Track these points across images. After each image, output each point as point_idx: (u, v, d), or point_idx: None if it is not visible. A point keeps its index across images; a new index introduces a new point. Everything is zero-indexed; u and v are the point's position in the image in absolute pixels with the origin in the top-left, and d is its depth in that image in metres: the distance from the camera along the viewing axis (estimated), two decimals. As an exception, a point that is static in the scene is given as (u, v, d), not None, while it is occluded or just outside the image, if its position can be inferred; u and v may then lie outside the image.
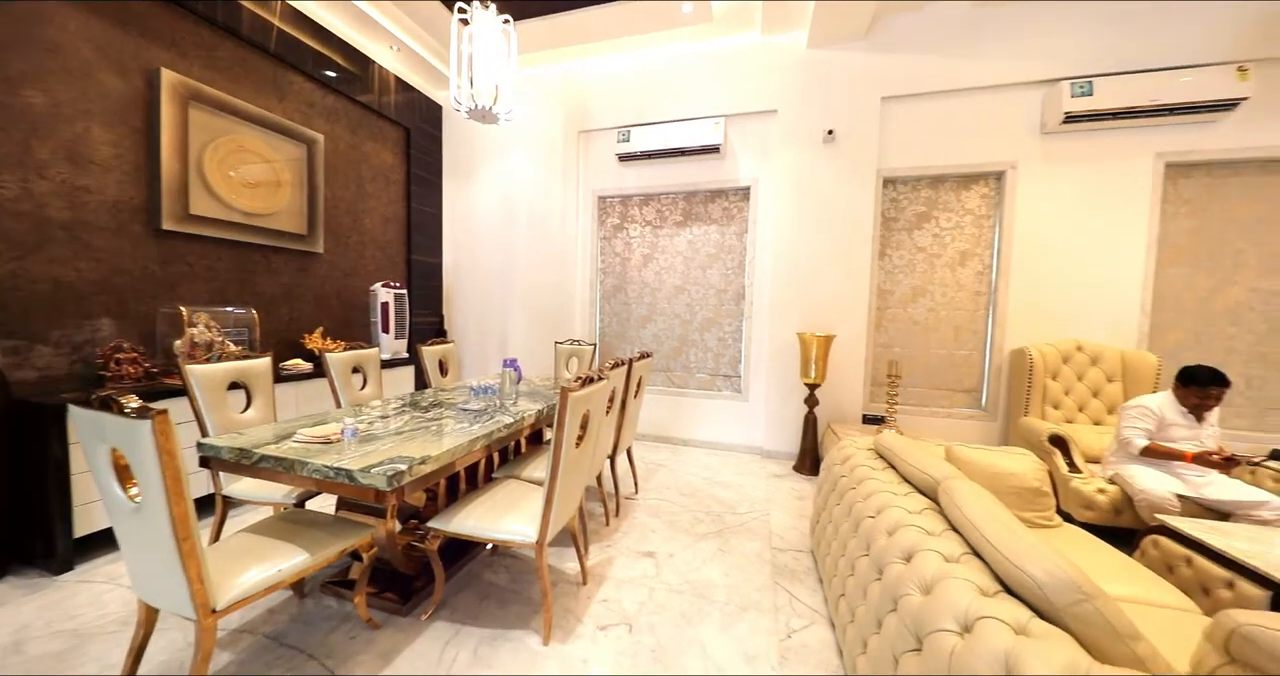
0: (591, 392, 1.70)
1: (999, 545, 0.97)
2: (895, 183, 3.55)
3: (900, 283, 3.57)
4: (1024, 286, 3.25)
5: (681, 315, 4.12)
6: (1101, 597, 0.86)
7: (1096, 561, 1.52)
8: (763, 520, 2.56)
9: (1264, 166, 2.95)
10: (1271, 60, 2.80)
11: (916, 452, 1.55)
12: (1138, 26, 2.97)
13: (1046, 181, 3.21)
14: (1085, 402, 2.91)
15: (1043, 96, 3.18)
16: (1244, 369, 3.00)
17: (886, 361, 3.35)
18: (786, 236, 3.64)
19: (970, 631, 0.85)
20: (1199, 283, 3.07)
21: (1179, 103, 2.85)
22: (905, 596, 1.04)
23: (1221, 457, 2.03)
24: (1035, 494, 1.68)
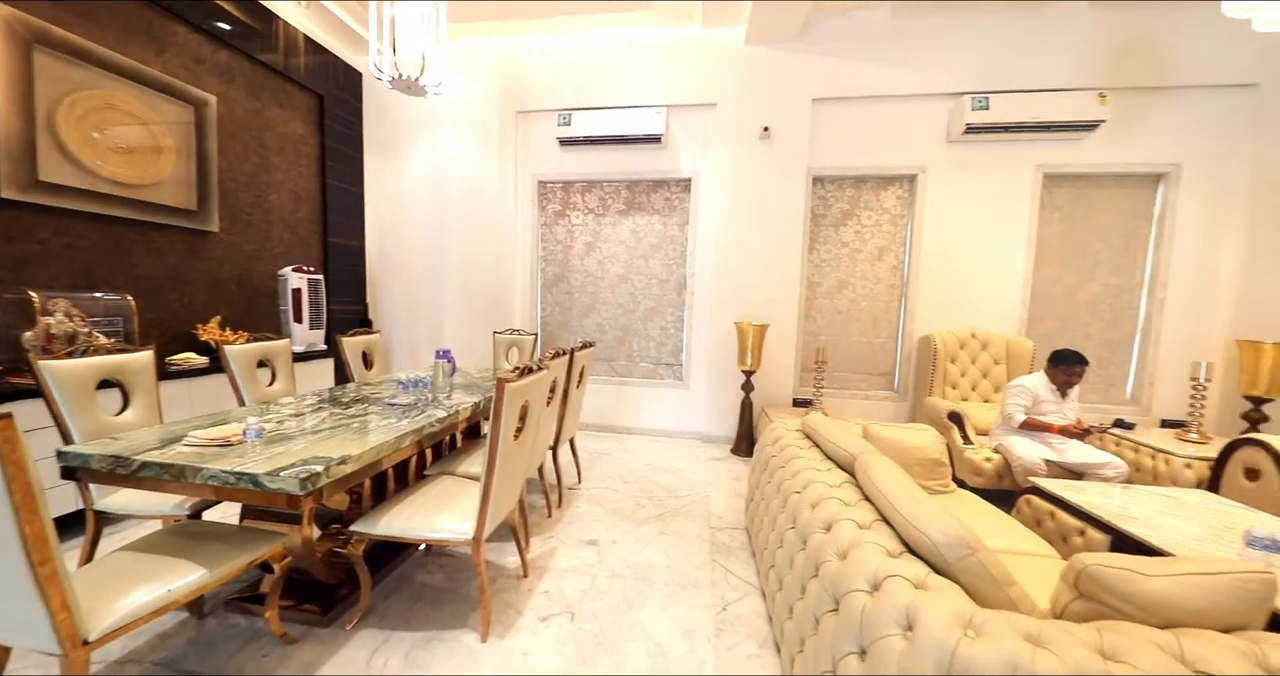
0: (530, 383, 1.67)
1: (903, 511, 1.08)
2: (824, 181, 3.77)
3: (827, 275, 3.82)
4: (931, 280, 3.62)
5: (625, 305, 4.13)
6: (984, 551, 0.99)
7: (982, 520, 1.75)
8: (702, 502, 2.67)
9: (1117, 180, 3.48)
10: (1123, 89, 3.29)
11: (837, 432, 1.68)
12: (1024, 51, 3.36)
13: (950, 185, 3.57)
14: (977, 383, 3.32)
15: (949, 108, 3.51)
16: (1096, 352, 3.57)
17: (814, 349, 3.59)
18: (725, 229, 3.76)
19: (879, 589, 0.95)
20: (1066, 279, 3.58)
21: (1055, 121, 3.28)
22: (825, 563, 1.14)
23: (1080, 428, 2.41)
24: (935, 464, 1.90)
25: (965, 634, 0.78)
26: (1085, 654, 0.74)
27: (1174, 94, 3.32)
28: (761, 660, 1.49)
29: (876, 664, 0.85)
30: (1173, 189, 3.38)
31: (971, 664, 0.74)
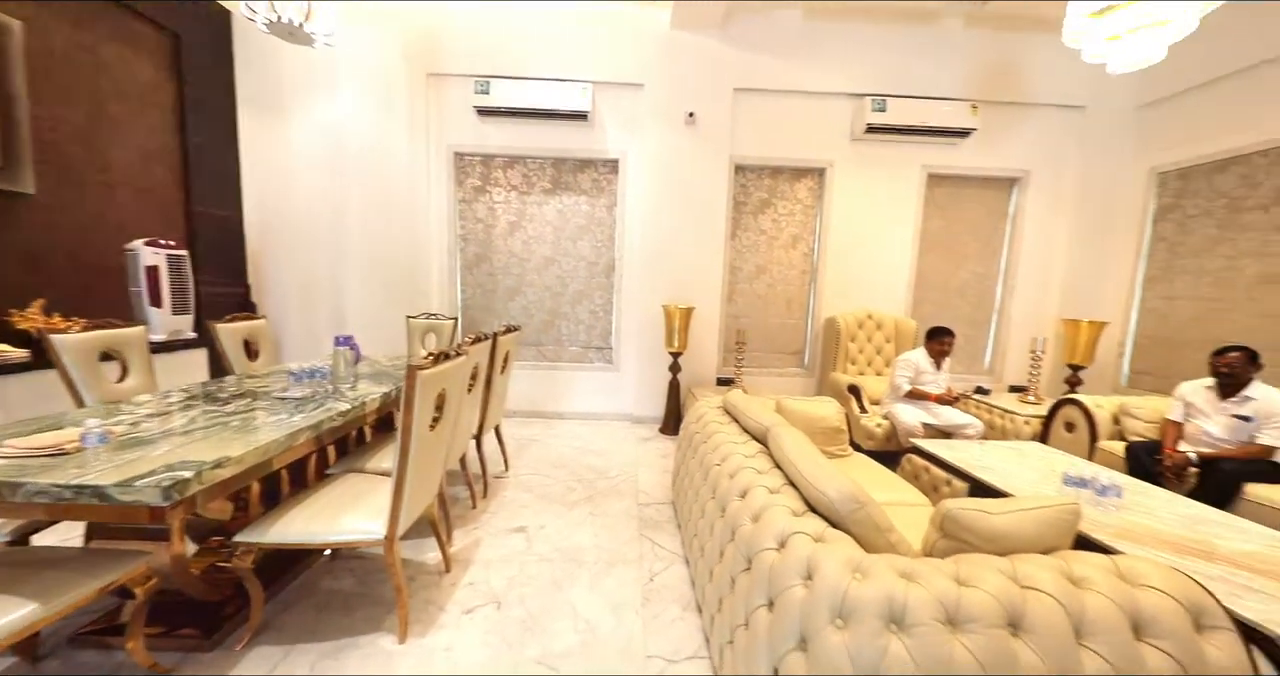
0: (447, 370, 1.57)
1: (806, 475, 1.19)
2: (745, 170, 3.93)
3: (747, 261, 4.02)
4: (836, 266, 3.97)
5: (552, 287, 4.02)
6: (871, 505, 1.13)
7: (872, 478, 2.00)
8: (631, 481, 2.73)
9: (983, 182, 4.04)
10: (991, 102, 3.79)
11: (753, 407, 1.80)
12: (915, 61, 3.72)
13: (853, 180, 3.90)
14: (872, 359, 3.74)
15: (853, 108, 3.80)
16: (965, 330, 4.17)
17: (735, 330, 3.78)
18: (653, 213, 3.78)
19: (785, 546, 1.04)
20: (942, 267, 4.12)
21: (938, 126, 3.70)
22: (740, 526, 1.22)
23: (951, 396, 2.82)
24: (835, 432, 2.11)
25: (854, 577, 0.89)
26: (946, 583, 0.88)
27: (1028, 109, 3.89)
28: (685, 622, 1.58)
29: (782, 613, 0.94)
30: (1023, 192, 3.99)
31: (858, 601, 0.85)
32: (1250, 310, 3.04)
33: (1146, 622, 0.87)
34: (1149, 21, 2.04)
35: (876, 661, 0.80)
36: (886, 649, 0.80)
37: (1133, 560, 0.99)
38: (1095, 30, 2.18)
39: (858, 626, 0.83)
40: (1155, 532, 1.57)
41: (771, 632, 0.96)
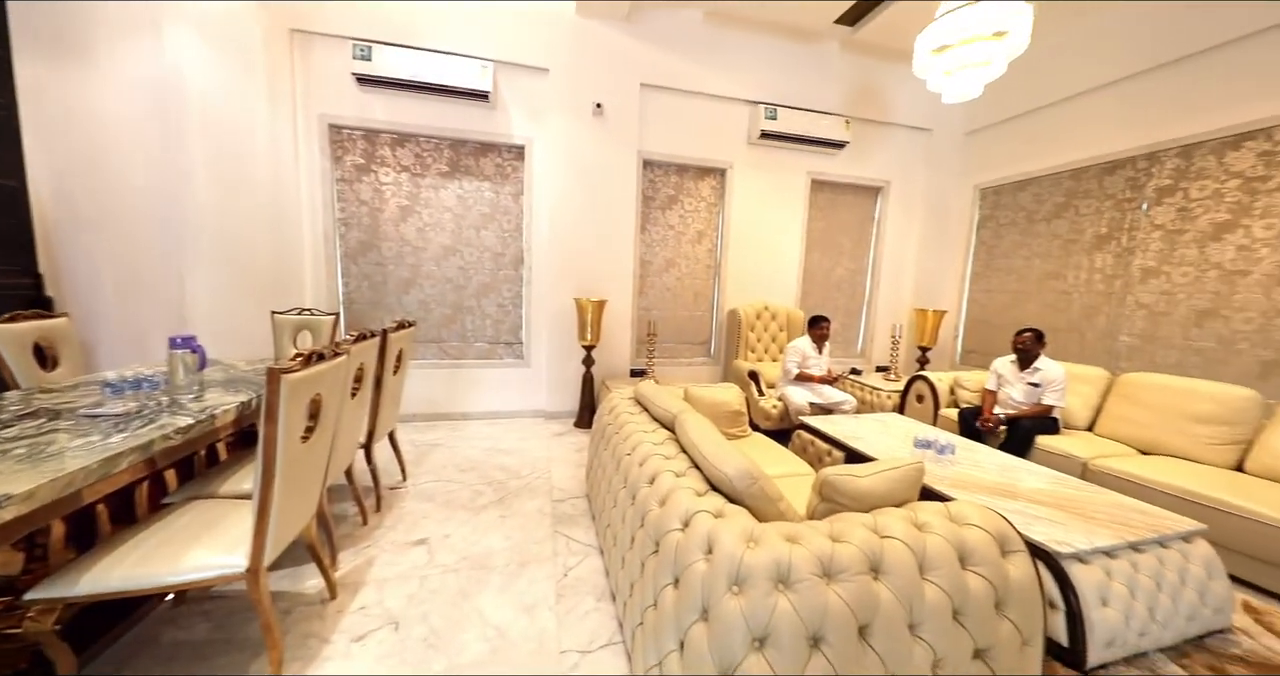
0: (321, 373, 1.38)
1: (708, 456, 1.27)
2: (653, 165, 4.00)
3: (657, 255, 4.13)
4: (737, 261, 4.25)
5: (455, 279, 3.74)
6: (764, 479, 1.23)
7: (767, 454, 2.19)
8: (545, 478, 2.67)
9: (855, 190, 4.59)
10: (860, 119, 4.31)
11: (662, 396, 1.86)
12: (802, 75, 4.09)
13: (750, 182, 4.20)
14: (768, 346, 4.09)
15: (749, 114, 4.07)
16: (843, 319, 4.75)
17: (647, 322, 3.87)
18: (563, 204, 3.69)
19: (688, 525, 1.09)
20: (824, 264, 4.62)
21: (819, 137, 4.12)
22: (649, 511, 1.26)
23: (830, 376, 3.19)
24: (736, 415, 2.28)
25: (748, 546, 0.96)
26: (822, 541, 0.99)
27: (889, 128, 4.50)
28: (600, 612, 1.59)
29: (687, 588, 0.99)
30: (885, 200, 4.63)
31: (752, 568, 0.92)
32: (1039, 300, 3.88)
33: (969, 553, 1.06)
34: (971, 61, 2.47)
35: (766, 619, 0.87)
36: (775, 606, 0.88)
37: (961, 504, 1.20)
38: (935, 65, 2.59)
39: (751, 590, 0.90)
40: (978, 480, 1.94)
41: (677, 608, 1.00)
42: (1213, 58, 2.88)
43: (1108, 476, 2.29)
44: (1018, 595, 1.06)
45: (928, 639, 0.96)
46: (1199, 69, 2.94)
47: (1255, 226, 2.73)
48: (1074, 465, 2.43)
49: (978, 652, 1.02)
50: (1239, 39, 2.75)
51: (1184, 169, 3.03)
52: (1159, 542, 1.56)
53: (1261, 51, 2.68)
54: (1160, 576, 1.50)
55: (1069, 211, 3.68)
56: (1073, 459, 2.45)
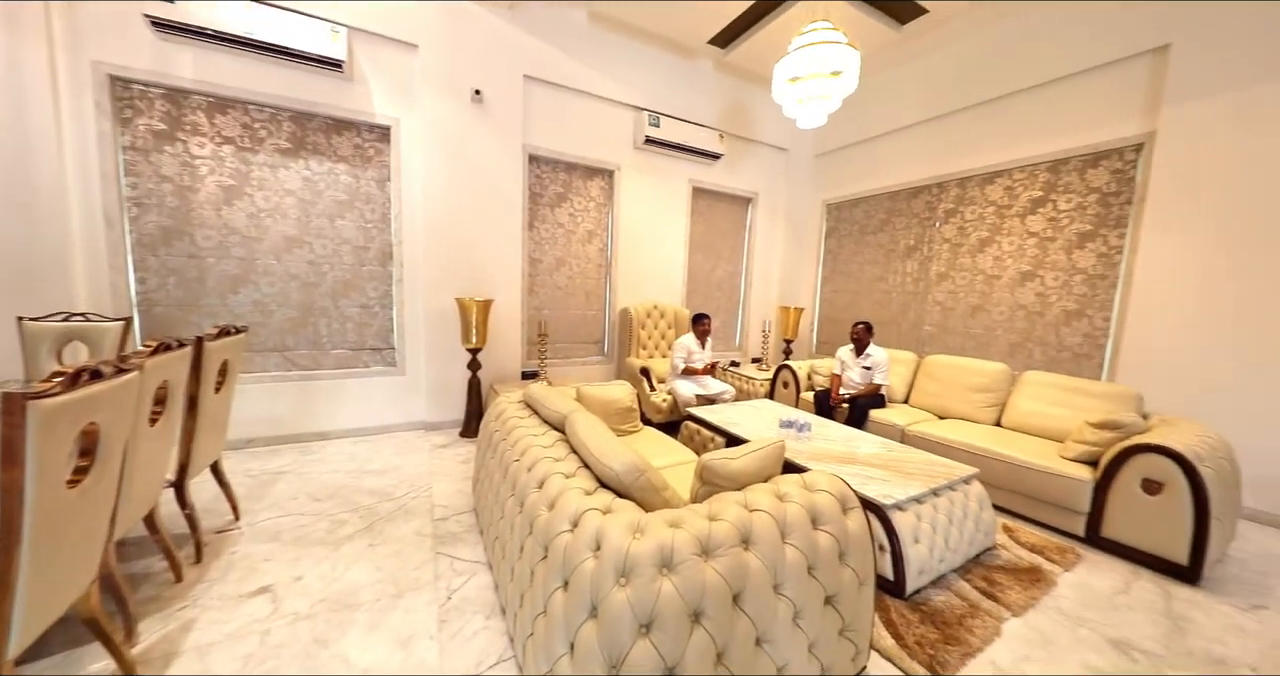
0: (94, 396, 1.06)
1: (597, 454, 1.28)
2: (540, 161, 3.90)
3: (547, 253, 4.03)
4: (627, 261, 4.36)
5: (303, 276, 3.19)
6: (650, 471, 1.28)
7: (657, 447, 2.29)
8: (424, 496, 2.43)
9: (730, 198, 5.03)
10: (732, 135, 4.73)
11: (552, 398, 1.82)
12: (683, 87, 4.35)
13: (637, 185, 4.34)
14: (659, 343, 4.27)
15: (634, 119, 4.20)
16: (723, 316, 5.17)
17: (538, 322, 3.76)
18: (441, 196, 3.39)
19: (577, 525, 1.09)
20: (706, 265, 4.99)
21: (699, 148, 4.42)
22: (538, 516, 1.22)
23: (709, 366, 3.46)
24: (628, 411, 2.34)
25: (634, 537, 0.99)
26: (702, 522, 1.07)
27: (756, 145, 5.02)
28: (490, 630, 1.50)
29: (576, 588, 0.99)
30: (755, 209, 5.16)
31: (638, 557, 0.95)
32: (870, 298, 4.69)
33: (819, 515, 1.24)
34: (816, 94, 2.88)
35: (651, 604, 0.91)
36: (660, 591, 0.93)
37: (813, 474, 1.40)
38: (790, 93, 2.96)
39: (637, 579, 0.93)
40: (828, 451, 2.27)
41: (567, 610, 0.99)
42: (976, 112, 3.77)
43: (918, 438, 2.87)
44: (856, 545, 1.27)
45: (789, 595, 1.09)
46: (968, 119, 3.84)
47: (1004, 242, 3.65)
48: (895, 432, 2.99)
49: (828, 599, 1.19)
50: (991, 100, 3.65)
51: (961, 196, 3.93)
52: (950, 487, 2.00)
53: (1005, 111, 3.60)
54: (951, 513, 1.93)
55: (889, 226, 4.51)
56: (894, 427, 3.02)
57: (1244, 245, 2.54)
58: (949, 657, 1.44)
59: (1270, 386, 2.46)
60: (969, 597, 1.74)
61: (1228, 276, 2.59)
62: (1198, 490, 1.87)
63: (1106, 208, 3.12)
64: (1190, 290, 2.72)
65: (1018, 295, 3.57)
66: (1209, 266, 2.65)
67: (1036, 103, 3.41)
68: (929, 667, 1.40)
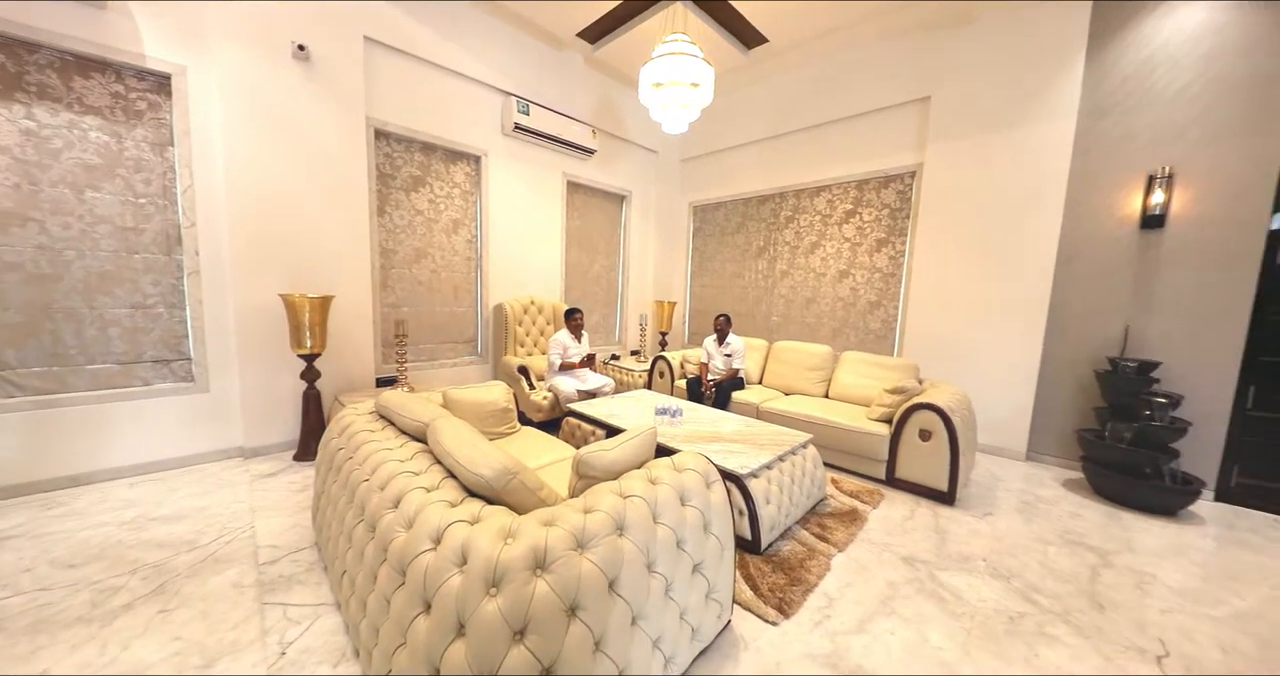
0: None
1: (463, 461, 1.19)
2: (389, 138, 3.44)
3: (403, 243, 3.60)
4: (501, 255, 4.12)
5: (28, 266, 2.32)
6: (524, 472, 1.24)
7: (536, 446, 2.23)
8: (244, 538, 1.99)
9: (605, 195, 5.10)
10: (605, 132, 4.79)
11: (412, 404, 1.64)
12: (554, 77, 4.24)
13: (509, 173, 4.12)
14: (537, 340, 4.15)
15: (502, 104, 3.97)
16: (603, 311, 5.24)
17: (394, 321, 3.34)
18: (254, 169, 2.76)
19: (440, 541, 1.00)
20: (584, 261, 5.00)
21: (572, 141, 4.37)
22: (394, 539, 1.09)
23: (586, 360, 3.48)
24: (504, 412, 2.23)
25: (506, 542, 0.96)
26: (577, 516, 1.08)
27: (628, 145, 5.16)
28: None
29: (440, 609, 0.91)
30: (629, 206, 5.33)
31: (509, 563, 0.92)
32: (730, 293, 5.23)
33: (687, 492, 1.35)
34: (678, 102, 3.07)
35: (525, 608, 0.89)
36: (533, 592, 0.91)
37: (682, 455, 1.51)
38: (655, 98, 3.10)
39: (509, 585, 0.90)
40: (699, 433, 2.47)
41: (430, 635, 0.91)
42: (806, 134, 4.44)
43: (770, 413, 3.30)
44: (718, 514, 1.42)
45: (661, 571, 1.17)
46: (800, 140, 4.49)
47: (827, 246, 4.39)
48: (752, 409, 3.40)
49: (695, 567, 1.31)
50: (816, 126, 4.33)
51: (797, 205, 4.59)
52: (792, 452, 2.35)
53: (826, 136, 4.30)
54: (794, 474, 2.27)
55: (744, 229, 5.07)
56: (751, 405, 3.43)
57: (975, 250, 3.47)
58: (794, 597, 1.71)
59: (990, 355, 3.42)
60: (807, 543, 2.08)
61: (967, 273, 3.51)
62: (951, 434, 2.52)
63: (895, 220, 3.96)
64: (945, 284, 3.62)
65: (837, 290, 4.34)
66: (955, 266, 3.56)
67: (847, 132, 4.16)
68: (779, 609, 1.64)
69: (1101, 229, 3.04)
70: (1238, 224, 2.64)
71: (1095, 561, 2.06)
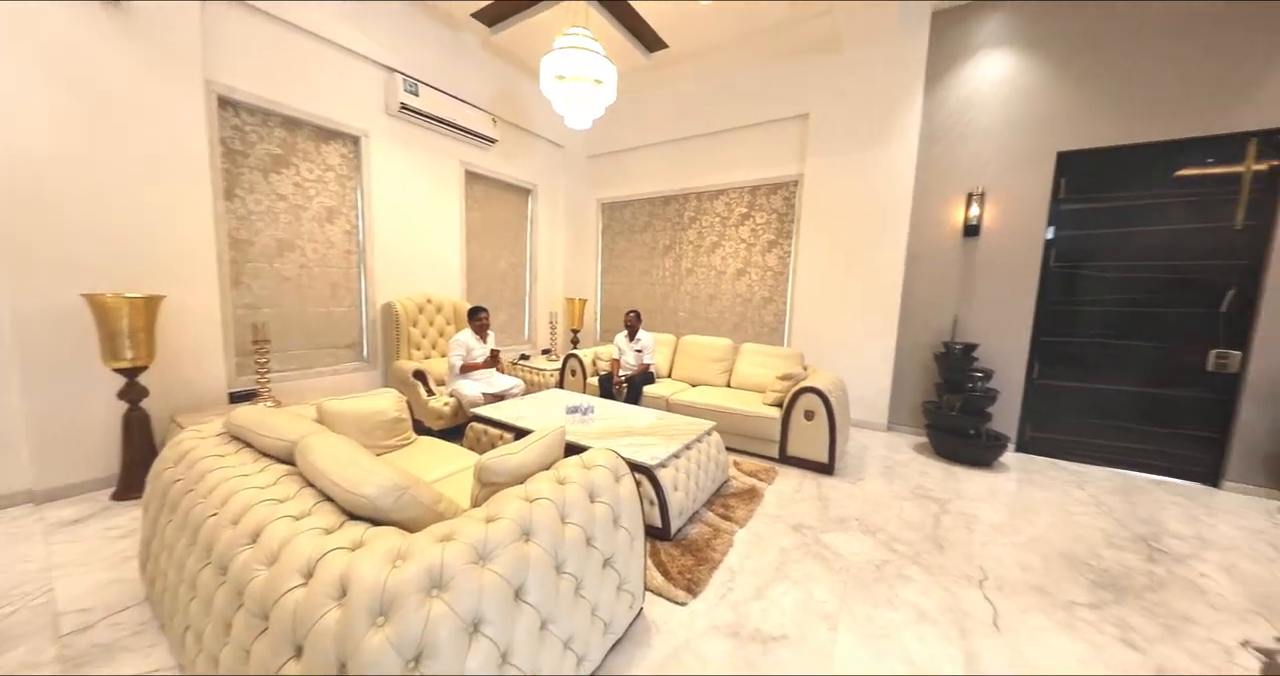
0: None
1: (341, 481, 1.06)
2: (239, 108, 2.90)
3: (262, 233, 3.07)
4: (388, 249, 3.72)
5: None
6: (416, 486, 1.14)
7: (436, 457, 2.06)
8: (37, 605, 1.55)
9: (508, 187, 4.87)
10: (507, 122, 4.57)
11: (276, 421, 1.42)
12: (445, 58, 3.91)
13: (397, 158, 3.73)
14: (436, 342, 3.84)
15: (385, 81, 3.58)
16: (510, 309, 5.02)
17: (253, 325, 2.83)
18: (33, 131, 2.14)
19: (313, 574, 0.88)
20: (486, 256, 4.73)
21: (469, 128, 4.10)
22: (252, 580, 0.94)
23: (491, 359, 3.31)
24: (396, 422, 2.03)
25: (395, 566, 0.87)
26: (478, 527, 1.02)
27: (533, 137, 4.98)
28: (190, 752, 1.09)
29: (313, 652, 0.80)
30: (535, 201, 5.16)
31: (399, 587, 0.84)
32: (640, 290, 5.35)
33: (596, 489, 1.35)
34: (581, 97, 3.04)
35: (419, 633, 0.82)
36: (429, 615, 0.84)
37: (591, 452, 1.51)
38: (558, 91, 3.03)
39: (399, 612, 0.83)
40: (611, 429, 2.50)
41: (304, 682, 0.80)
42: (706, 140, 4.68)
43: (679, 405, 3.45)
44: (627, 507, 1.45)
45: (571, 571, 1.16)
46: (701, 145, 4.73)
47: (726, 246, 4.69)
48: (663, 402, 3.52)
49: (606, 562, 1.32)
50: (714, 133, 4.59)
51: (699, 207, 4.84)
52: (698, 440, 2.49)
53: (723, 142, 4.58)
54: (700, 461, 2.40)
55: (651, 228, 5.21)
56: (662, 398, 3.55)
57: (846, 252, 3.96)
58: (701, 576, 1.82)
59: (858, 342, 3.94)
60: (713, 523, 2.22)
61: (840, 273, 4.00)
62: (830, 414, 2.86)
63: (783, 224, 4.37)
64: (823, 282, 4.09)
65: (736, 287, 4.67)
66: (831, 266, 4.04)
67: (741, 140, 4.48)
68: (688, 589, 1.73)
69: (937, 236, 3.67)
70: (1025, 235, 3.37)
71: (937, 510, 2.51)
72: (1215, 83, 2.80)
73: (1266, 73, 2.69)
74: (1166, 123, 2.93)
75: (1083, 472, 3.13)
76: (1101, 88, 3.09)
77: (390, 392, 2.09)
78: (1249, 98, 2.74)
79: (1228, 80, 2.78)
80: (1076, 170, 3.21)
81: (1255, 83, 2.72)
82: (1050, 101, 3.24)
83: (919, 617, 1.67)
